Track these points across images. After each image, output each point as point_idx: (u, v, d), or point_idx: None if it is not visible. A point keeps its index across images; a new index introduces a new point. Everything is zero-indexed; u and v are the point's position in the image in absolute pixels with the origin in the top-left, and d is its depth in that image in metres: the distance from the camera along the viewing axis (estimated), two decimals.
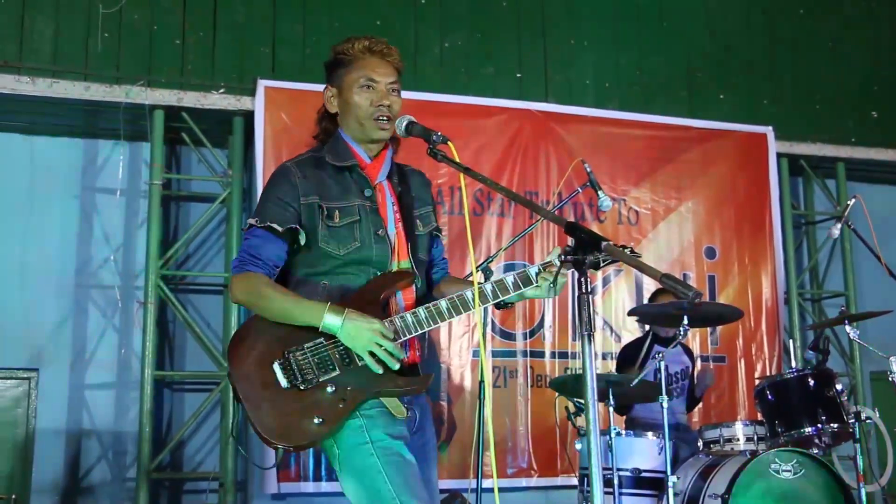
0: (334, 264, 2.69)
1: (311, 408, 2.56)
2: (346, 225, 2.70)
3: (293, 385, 2.57)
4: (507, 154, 6.75)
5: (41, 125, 6.47)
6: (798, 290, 7.63)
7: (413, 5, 6.92)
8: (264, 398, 2.57)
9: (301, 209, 2.68)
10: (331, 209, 2.69)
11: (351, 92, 2.77)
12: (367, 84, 2.76)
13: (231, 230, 6.37)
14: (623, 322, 6.80)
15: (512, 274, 2.73)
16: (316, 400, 2.57)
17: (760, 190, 7.39)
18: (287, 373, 2.58)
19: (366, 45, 2.79)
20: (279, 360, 2.59)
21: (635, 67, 7.46)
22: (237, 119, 6.43)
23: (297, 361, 2.58)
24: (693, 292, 2.11)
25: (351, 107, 2.77)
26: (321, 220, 2.68)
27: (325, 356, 2.60)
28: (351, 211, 2.71)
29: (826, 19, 8.06)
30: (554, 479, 6.49)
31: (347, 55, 2.80)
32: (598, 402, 4.86)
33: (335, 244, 2.68)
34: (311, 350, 2.60)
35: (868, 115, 8.01)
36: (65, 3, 6.14)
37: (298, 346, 2.59)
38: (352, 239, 2.69)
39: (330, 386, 2.58)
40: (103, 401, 6.35)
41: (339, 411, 2.57)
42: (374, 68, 2.77)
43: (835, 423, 4.68)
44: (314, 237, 2.68)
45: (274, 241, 2.68)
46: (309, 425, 2.55)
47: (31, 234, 6.38)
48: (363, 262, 2.70)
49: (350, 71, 2.78)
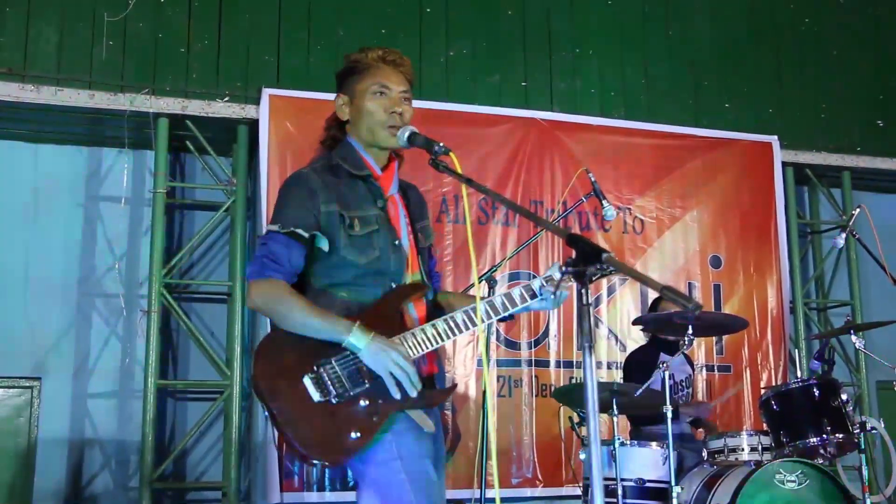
0: (353, 274, 2.68)
1: (347, 422, 2.54)
2: (366, 234, 2.70)
3: (326, 399, 2.55)
4: (511, 163, 6.76)
5: (45, 133, 6.50)
6: (804, 300, 7.62)
7: (419, 14, 6.94)
8: (298, 414, 2.53)
9: (322, 216, 2.67)
10: (351, 218, 2.69)
11: (364, 99, 2.78)
12: (381, 91, 2.78)
13: (235, 239, 6.38)
14: (628, 331, 6.80)
15: (518, 287, 2.75)
16: (350, 414, 2.55)
17: (766, 199, 7.38)
18: (319, 386, 2.55)
19: (379, 54, 2.82)
20: (310, 373, 2.56)
21: (641, 76, 7.47)
22: (241, 127, 6.45)
23: (328, 375, 2.56)
24: (693, 304, 2.12)
25: (363, 114, 2.78)
26: (343, 229, 2.67)
27: (354, 369, 2.58)
28: (369, 220, 2.72)
29: (831, 28, 8.06)
30: (559, 490, 6.48)
31: (361, 63, 2.82)
32: (602, 412, 4.88)
33: (356, 253, 2.68)
34: (339, 363, 2.58)
35: (874, 124, 8.00)
36: (69, 12, 6.17)
37: (327, 359, 2.57)
38: (371, 248, 2.70)
39: (363, 399, 2.57)
40: (106, 410, 6.36)
41: (373, 425, 2.56)
42: (387, 76, 2.79)
43: (840, 434, 4.67)
44: (335, 245, 2.67)
45: (296, 247, 2.65)
46: (347, 440, 2.54)
47: (35, 242, 6.40)
48: (381, 272, 2.71)
49: (363, 79, 2.80)
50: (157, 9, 6.35)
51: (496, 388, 6.44)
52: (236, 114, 6.36)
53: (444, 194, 6.43)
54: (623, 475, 4.81)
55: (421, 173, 6.36)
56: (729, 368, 7.07)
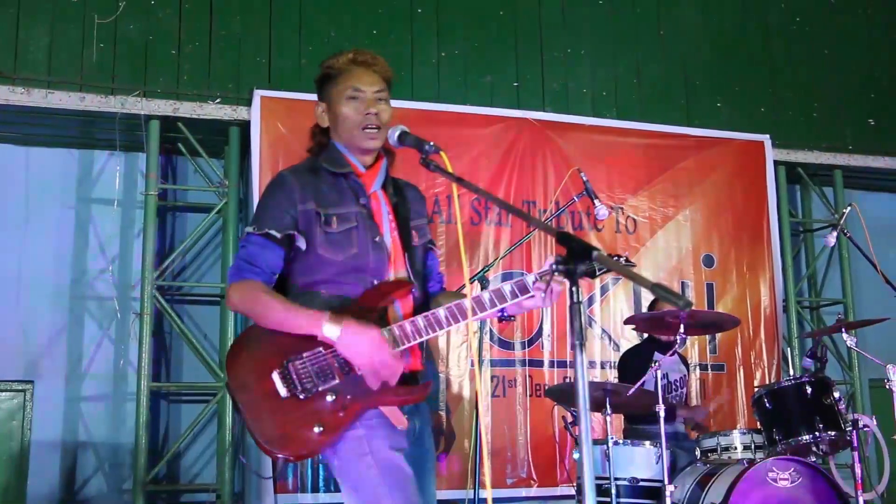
0: (333, 271, 2.68)
1: (311, 417, 2.54)
2: (343, 231, 2.70)
3: (292, 394, 2.55)
4: (504, 163, 6.76)
5: (37, 136, 6.49)
6: (796, 298, 7.64)
7: (410, 15, 6.94)
8: (263, 408, 2.55)
9: (299, 215, 2.68)
10: (328, 215, 2.70)
11: (339, 104, 2.78)
12: (353, 95, 2.78)
13: (227, 240, 6.38)
14: (621, 331, 6.80)
15: (510, 283, 2.72)
16: (315, 409, 2.55)
17: (758, 198, 7.40)
18: (286, 382, 2.56)
19: (350, 57, 2.81)
20: (278, 369, 2.57)
21: (633, 76, 7.49)
22: (233, 129, 6.45)
23: (296, 370, 2.56)
24: (683, 301, 2.12)
25: (340, 118, 2.79)
26: (319, 226, 2.68)
27: (324, 365, 2.58)
28: (348, 217, 2.72)
29: (822, 28, 8.09)
30: (553, 490, 6.47)
31: (333, 69, 2.82)
32: (595, 411, 4.88)
33: (333, 250, 2.68)
34: (310, 359, 2.58)
35: (865, 122, 8.03)
36: (60, 14, 6.16)
37: (297, 355, 2.58)
38: (350, 245, 2.69)
39: (330, 395, 2.57)
40: (99, 412, 6.35)
41: (339, 420, 2.56)
42: (358, 78, 2.79)
43: (832, 431, 4.67)
44: (312, 243, 2.68)
45: (272, 248, 2.67)
46: (309, 434, 2.53)
47: (27, 244, 6.39)
48: (360, 269, 2.70)
49: (336, 84, 2.80)
50: (148, 11, 6.34)
51: (490, 388, 6.44)
52: (228, 115, 6.36)
53: (437, 195, 6.43)
54: (617, 474, 4.82)
55: (413, 173, 6.41)
56: (723, 367, 7.08)
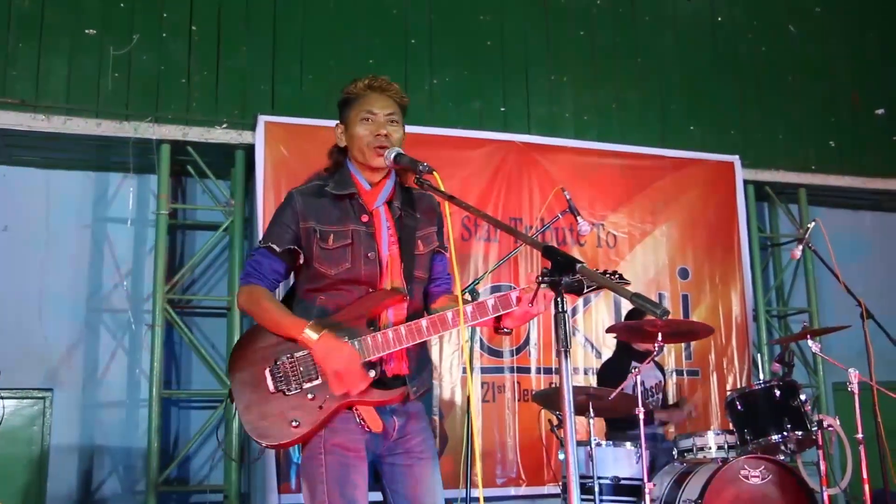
0: (327, 282, 2.76)
1: (292, 410, 2.66)
2: (339, 248, 2.77)
3: (279, 389, 2.67)
4: (492, 183, 6.79)
5: (56, 160, 6.50)
6: (765, 308, 7.67)
7: (404, 45, 6.98)
8: (253, 400, 2.67)
9: (301, 232, 2.78)
10: (325, 233, 2.77)
11: (354, 126, 2.84)
12: (367, 117, 2.83)
13: (234, 256, 6.39)
14: (603, 339, 6.82)
15: (493, 296, 2.76)
16: (297, 404, 2.67)
17: (729, 214, 7.44)
18: (275, 378, 2.68)
19: (366, 83, 2.88)
20: (270, 365, 2.69)
21: (612, 101, 7.53)
22: (239, 152, 6.47)
23: (285, 368, 2.68)
24: (661, 310, 2.15)
25: (354, 139, 2.84)
26: (316, 243, 2.77)
27: (311, 365, 2.68)
28: (345, 235, 2.78)
29: (786, 57, 8.15)
30: (541, 488, 6.47)
31: (352, 94, 2.89)
32: (579, 415, 4.89)
33: (327, 264, 2.76)
34: (300, 359, 2.69)
35: (826, 144, 8.09)
36: (78, 47, 6.18)
37: (289, 354, 2.69)
38: (344, 260, 2.76)
39: (311, 393, 2.67)
40: (114, 418, 6.34)
41: (316, 415, 2.66)
42: (373, 102, 2.84)
43: (799, 431, 4.70)
44: (310, 258, 2.78)
45: (272, 259, 2.81)
46: (286, 426, 2.65)
47: (48, 261, 6.39)
48: (353, 280, 2.76)
49: (354, 107, 2.86)
50: (160, 43, 6.37)
51: (481, 393, 6.45)
52: (234, 139, 6.38)
53: None
54: (599, 473, 4.84)
55: None
56: (697, 373, 7.11)
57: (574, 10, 7.55)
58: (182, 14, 6.44)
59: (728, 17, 8.07)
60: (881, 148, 8.25)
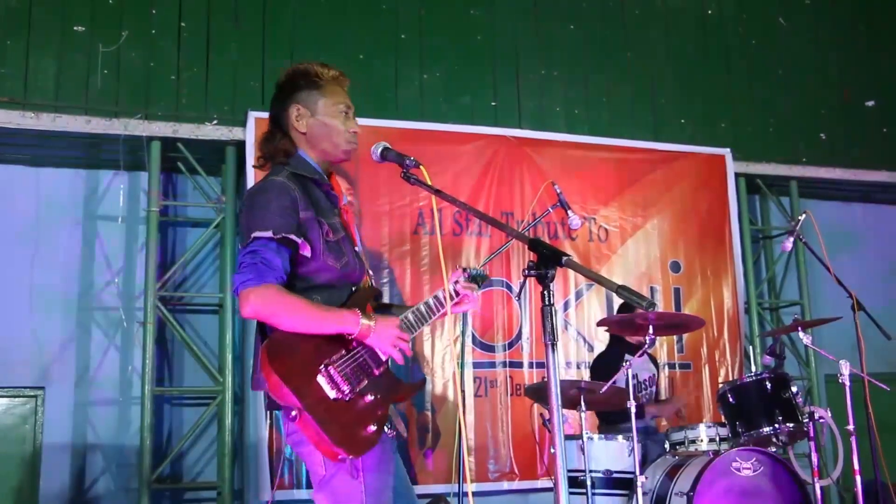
0: (330, 277, 2.64)
1: (363, 416, 2.52)
2: (337, 240, 2.68)
3: (341, 396, 2.50)
4: (483, 177, 6.77)
5: (45, 157, 6.45)
6: (757, 300, 7.66)
7: (394, 40, 6.94)
8: (325, 411, 2.46)
9: (302, 222, 2.60)
10: (325, 224, 2.67)
11: (330, 116, 2.78)
12: (345, 111, 2.80)
13: (225, 253, 6.36)
14: (595, 333, 6.81)
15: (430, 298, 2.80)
16: (363, 408, 2.53)
17: (720, 207, 7.43)
18: (332, 384, 2.49)
19: (335, 74, 2.86)
20: (320, 373, 2.49)
21: (603, 95, 7.50)
22: (229, 148, 6.43)
23: (336, 372, 2.51)
24: (647, 302, 2.14)
25: (328, 129, 2.77)
26: (321, 235, 2.63)
27: (356, 366, 2.56)
28: (338, 227, 2.71)
29: (777, 50, 8.14)
30: (534, 483, 6.46)
31: (321, 80, 2.82)
32: (571, 409, 4.87)
33: (334, 258, 2.64)
34: (342, 361, 2.54)
35: (817, 137, 8.09)
36: (67, 44, 6.13)
37: (329, 358, 2.52)
38: (343, 254, 2.68)
39: (370, 394, 2.56)
40: (106, 416, 6.31)
41: (381, 417, 2.56)
42: (345, 97, 2.82)
43: (791, 423, 4.70)
44: (315, 251, 2.61)
45: (286, 253, 2.55)
46: (366, 433, 2.51)
47: (38, 259, 6.34)
48: (349, 276, 2.69)
49: (324, 95, 2.80)
50: (149, 40, 6.32)
51: (473, 388, 6.43)
52: (224, 136, 6.34)
53: (421, 208, 6.42)
54: (592, 467, 4.82)
55: (397, 188, 6.41)
56: (689, 366, 7.10)
57: (564, 5, 7.52)
58: (171, 10, 6.40)
59: (718, 10, 8.05)
60: (872, 140, 8.25)
